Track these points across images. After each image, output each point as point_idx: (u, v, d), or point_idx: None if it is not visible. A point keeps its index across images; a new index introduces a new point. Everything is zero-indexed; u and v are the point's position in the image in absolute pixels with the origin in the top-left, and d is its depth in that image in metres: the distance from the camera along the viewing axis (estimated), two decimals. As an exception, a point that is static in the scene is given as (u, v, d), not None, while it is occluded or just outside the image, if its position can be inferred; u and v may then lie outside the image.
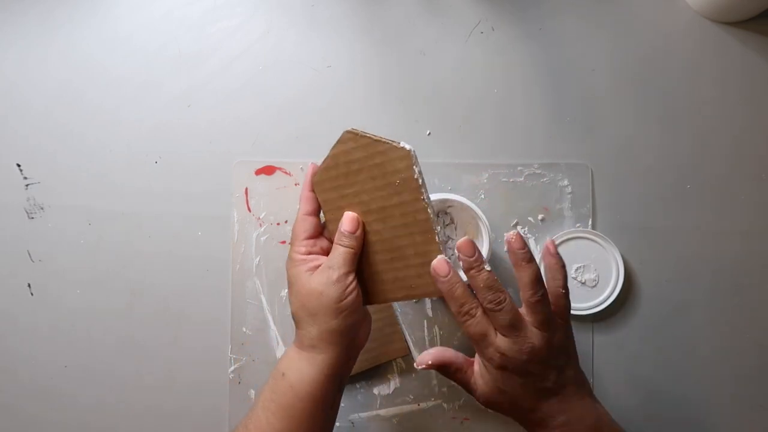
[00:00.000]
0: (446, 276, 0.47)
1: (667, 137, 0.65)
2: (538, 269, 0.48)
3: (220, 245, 0.65)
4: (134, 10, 0.68)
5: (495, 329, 0.47)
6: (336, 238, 0.50)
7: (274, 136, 0.66)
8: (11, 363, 0.65)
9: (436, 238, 0.48)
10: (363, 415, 0.63)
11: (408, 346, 0.64)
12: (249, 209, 0.65)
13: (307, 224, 0.52)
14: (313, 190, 0.53)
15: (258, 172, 0.65)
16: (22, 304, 0.65)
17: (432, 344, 0.64)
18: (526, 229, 0.65)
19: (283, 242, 0.65)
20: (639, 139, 0.65)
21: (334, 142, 0.65)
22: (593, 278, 0.63)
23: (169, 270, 0.65)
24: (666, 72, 0.66)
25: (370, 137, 0.48)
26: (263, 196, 0.65)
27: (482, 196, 0.65)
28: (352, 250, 0.50)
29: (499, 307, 0.46)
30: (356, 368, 0.62)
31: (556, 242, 0.63)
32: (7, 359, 0.65)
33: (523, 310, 0.48)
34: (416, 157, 0.48)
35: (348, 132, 0.49)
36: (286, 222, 0.65)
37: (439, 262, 0.48)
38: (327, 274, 0.49)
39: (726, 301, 0.64)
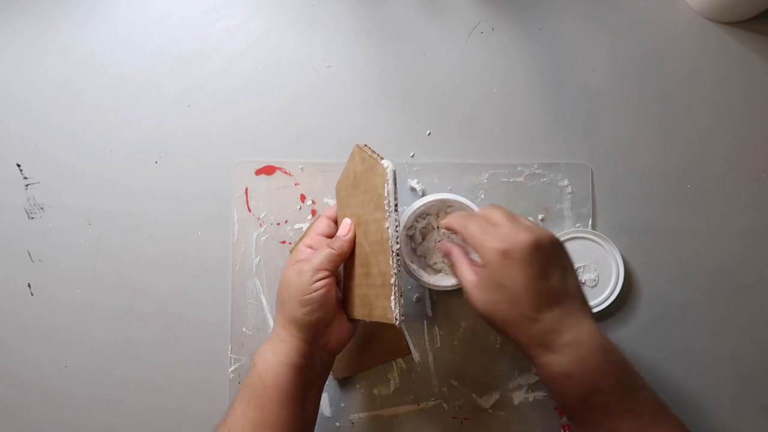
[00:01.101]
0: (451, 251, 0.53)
1: (667, 137, 0.65)
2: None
3: (220, 245, 0.65)
4: (134, 10, 0.68)
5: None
6: (329, 241, 0.52)
7: (274, 136, 0.66)
8: (11, 363, 0.65)
9: (391, 261, 0.46)
10: (363, 415, 0.63)
11: (408, 346, 0.64)
12: (249, 209, 0.65)
13: (323, 224, 0.56)
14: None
15: (258, 172, 0.65)
16: (22, 304, 0.65)
17: (432, 344, 0.64)
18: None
19: (283, 242, 0.65)
20: (639, 139, 0.65)
21: (334, 142, 0.66)
22: (593, 278, 0.63)
23: (169, 270, 0.65)
24: (666, 72, 0.66)
25: (366, 152, 0.48)
26: (263, 196, 0.65)
27: (482, 196, 0.65)
28: (334, 252, 0.51)
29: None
30: (356, 368, 0.63)
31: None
32: (7, 359, 0.65)
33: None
34: (393, 175, 0.47)
35: (356, 146, 0.50)
36: (286, 222, 0.65)
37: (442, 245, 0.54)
38: (300, 266, 0.51)
39: (726, 301, 0.64)
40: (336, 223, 0.57)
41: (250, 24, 0.67)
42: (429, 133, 0.66)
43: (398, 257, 0.46)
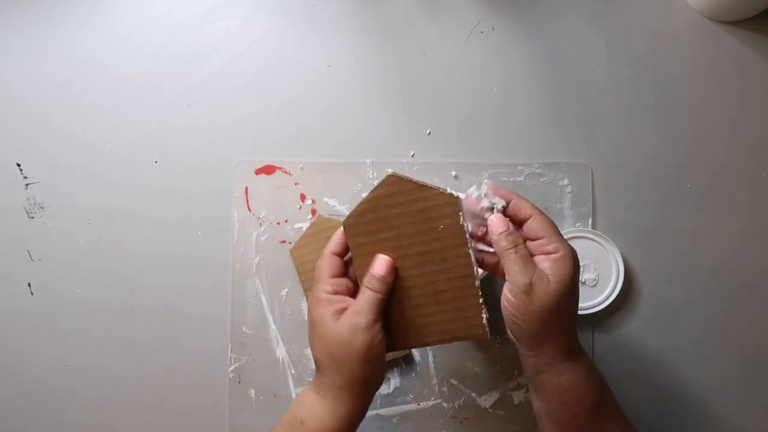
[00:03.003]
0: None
1: (666, 137, 0.65)
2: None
3: (220, 245, 0.65)
4: (134, 10, 0.68)
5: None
6: (366, 281, 0.48)
7: (274, 136, 0.66)
8: (12, 362, 0.65)
9: (476, 282, 0.48)
10: (363, 414, 0.63)
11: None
12: (249, 209, 0.65)
13: (334, 262, 0.50)
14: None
15: (258, 171, 0.65)
16: (23, 304, 0.65)
17: (432, 344, 0.64)
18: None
19: (283, 242, 0.65)
20: (639, 139, 0.65)
21: (334, 142, 0.66)
22: (593, 278, 0.63)
23: (169, 269, 0.65)
24: (666, 71, 0.66)
25: (415, 182, 0.48)
26: (263, 195, 0.65)
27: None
28: (381, 296, 0.47)
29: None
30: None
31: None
32: (8, 358, 0.65)
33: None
34: (462, 204, 0.48)
35: (391, 176, 0.48)
36: (286, 221, 0.65)
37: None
38: (355, 320, 0.46)
39: (726, 301, 0.64)
40: (344, 259, 0.51)
41: (250, 24, 0.67)
42: (429, 133, 0.66)
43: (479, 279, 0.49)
